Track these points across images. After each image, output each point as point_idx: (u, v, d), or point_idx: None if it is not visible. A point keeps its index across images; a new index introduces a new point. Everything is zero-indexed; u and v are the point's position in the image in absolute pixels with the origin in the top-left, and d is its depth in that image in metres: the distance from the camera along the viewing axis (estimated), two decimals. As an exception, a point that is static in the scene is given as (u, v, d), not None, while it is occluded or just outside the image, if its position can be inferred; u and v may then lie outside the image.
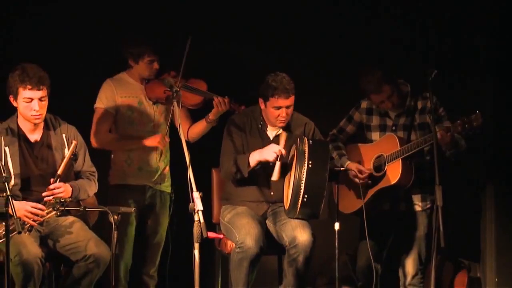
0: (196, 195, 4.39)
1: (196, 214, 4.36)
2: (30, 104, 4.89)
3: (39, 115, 4.92)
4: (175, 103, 4.79)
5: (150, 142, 5.53)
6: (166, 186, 5.76)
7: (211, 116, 5.55)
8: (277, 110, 5.21)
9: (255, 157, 5.19)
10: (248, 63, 6.23)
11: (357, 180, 5.43)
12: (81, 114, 5.49)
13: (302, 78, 5.47)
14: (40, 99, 4.89)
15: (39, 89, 4.86)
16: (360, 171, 5.44)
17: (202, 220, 4.35)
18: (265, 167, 5.21)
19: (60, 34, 5.94)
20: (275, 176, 5.15)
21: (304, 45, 6.26)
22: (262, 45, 6.22)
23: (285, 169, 5.22)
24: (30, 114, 4.91)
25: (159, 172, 5.68)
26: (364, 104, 5.62)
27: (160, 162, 5.68)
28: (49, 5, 5.94)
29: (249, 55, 6.21)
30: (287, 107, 5.21)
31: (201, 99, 5.54)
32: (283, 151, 5.11)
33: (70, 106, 5.46)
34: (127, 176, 5.58)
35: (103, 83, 5.62)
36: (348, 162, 5.50)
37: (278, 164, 5.11)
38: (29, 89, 4.85)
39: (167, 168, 5.74)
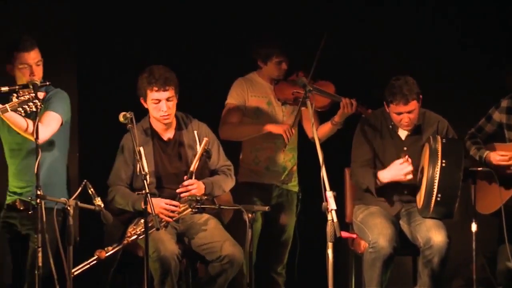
0: (330, 194, 4.37)
1: (330, 213, 4.34)
2: (158, 105, 4.99)
3: (168, 115, 5.03)
4: (308, 102, 4.79)
5: (275, 128, 5.50)
6: (293, 185, 5.77)
7: (337, 118, 5.51)
8: (398, 116, 5.14)
9: (385, 176, 5.15)
10: (377, 66, 6.17)
11: (503, 162, 5.22)
12: (213, 114, 5.56)
13: (437, 76, 5.37)
14: (167, 100, 4.98)
15: (165, 90, 4.96)
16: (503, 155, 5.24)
17: (335, 220, 4.33)
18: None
19: (193, 34, 6.04)
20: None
21: (437, 44, 6.14)
22: (390, 46, 6.15)
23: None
24: (159, 115, 5.01)
25: (286, 172, 5.70)
26: (504, 103, 5.43)
27: (287, 162, 5.70)
28: (182, 6, 6.05)
29: (378, 57, 6.15)
30: (409, 112, 5.12)
31: (328, 101, 5.51)
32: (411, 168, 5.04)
33: (202, 105, 5.56)
34: (255, 175, 5.63)
35: (235, 82, 5.68)
36: (487, 151, 5.32)
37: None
38: (156, 91, 4.96)
39: (295, 167, 5.75)
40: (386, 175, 5.14)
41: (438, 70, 6.05)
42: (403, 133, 5.29)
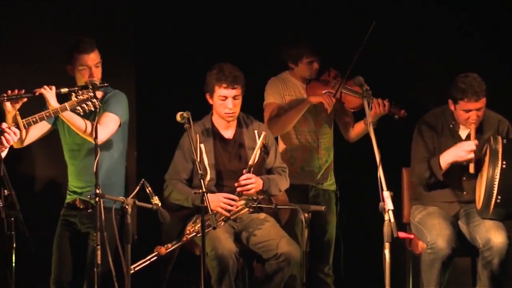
0: (387, 194, 4.34)
1: (387, 213, 4.31)
2: (225, 102, 5.03)
3: (233, 113, 5.06)
4: (365, 102, 4.76)
5: (316, 98, 5.49)
6: (330, 185, 5.73)
7: (370, 118, 5.48)
8: (467, 113, 5.06)
9: (446, 159, 5.07)
10: (409, 66, 6.12)
11: None
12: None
13: (496, 76, 5.29)
14: (234, 98, 5.02)
15: (233, 88, 5.00)
16: None
17: (392, 220, 4.30)
18: (458, 167, 5.09)
19: (223, 35, 6.03)
20: (472, 168, 5.03)
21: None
22: (423, 45, 6.09)
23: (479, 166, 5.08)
24: (224, 112, 5.05)
25: (321, 171, 5.67)
26: None
27: (323, 161, 5.68)
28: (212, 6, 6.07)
29: (411, 58, 6.10)
30: (478, 110, 5.04)
31: (361, 102, 5.48)
32: (475, 143, 4.97)
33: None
34: (291, 176, 5.58)
35: (269, 81, 5.66)
36: None
37: (472, 159, 4.99)
38: (224, 88, 5.00)
39: (331, 166, 5.72)
40: (447, 156, 5.06)
41: (496, 68, 5.95)
42: (463, 133, 5.22)
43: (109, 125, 4.83)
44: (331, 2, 6.06)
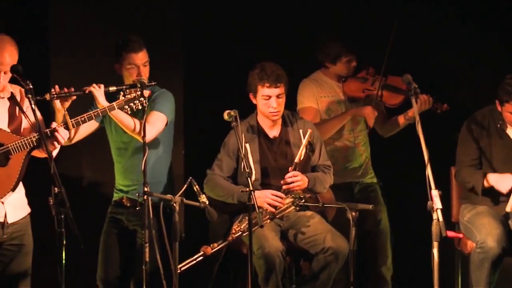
0: (435, 193, 4.31)
1: (435, 212, 4.28)
2: (268, 101, 5.03)
3: (277, 112, 5.06)
4: (413, 100, 4.72)
5: (358, 111, 5.48)
6: (371, 178, 5.71)
7: (411, 113, 5.43)
8: None
9: (491, 181, 5.05)
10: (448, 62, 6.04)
11: None
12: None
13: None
14: (277, 97, 5.02)
15: (276, 87, 5.00)
16: None
17: (441, 219, 4.27)
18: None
19: (270, 34, 6.04)
20: (508, 208, 4.99)
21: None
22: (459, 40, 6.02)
23: None
24: (268, 111, 5.05)
25: (362, 167, 5.65)
26: None
27: (363, 157, 5.66)
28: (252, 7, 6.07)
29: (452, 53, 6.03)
30: None
31: (402, 98, 5.43)
32: None
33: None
34: (334, 175, 5.56)
35: (302, 84, 5.63)
36: None
37: None
38: (267, 87, 5.00)
39: (369, 161, 5.70)
40: (494, 181, 5.03)
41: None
42: (511, 132, 5.16)
43: (157, 124, 4.86)
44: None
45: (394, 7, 5.89)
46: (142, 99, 4.54)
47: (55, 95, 4.48)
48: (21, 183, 4.36)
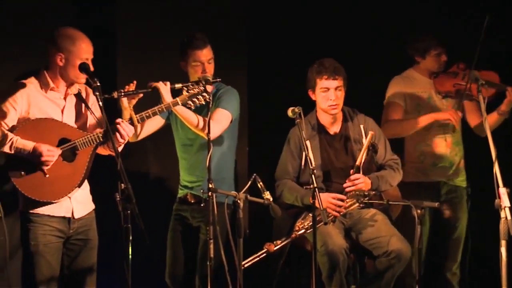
0: (503, 191, 4.24)
1: (503, 210, 4.21)
2: (327, 94, 5.02)
3: (336, 105, 5.04)
4: (480, 96, 4.65)
5: (440, 114, 5.41)
6: (461, 181, 5.61)
7: (503, 107, 5.34)
8: None
9: None
10: None
11: None
12: (371, 111, 5.50)
13: None
14: (336, 89, 5.01)
15: (334, 79, 5.00)
16: None
17: (509, 217, 4.19)
18: None
19: (335, 31, 6.01)
20: None
21: None
22: None
23: None
24: (327, 104, 5.04)
25: (453, 167, 5.55)
26: None
27: (454, 156, 5.55)
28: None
29: None
30: None
31: (493, 92, 5.32)
32: None
33: (363, 102, 5.53)
34: (421, 173, 5.51)
35: (392, 80, 5.58)
36: None
37: None
38: (325, 79, 5.01)
39: (462, 162, 5.60)
40: None
41: None
42: None
43: (222, 121, 4.88)
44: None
45: (483, 2, 5.82)
46: (205, 94, 4.56)
47: (122, 93, 4.53)
48: (86, 180, 4.43)
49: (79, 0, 5.55)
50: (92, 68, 4.30)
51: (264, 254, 4.78)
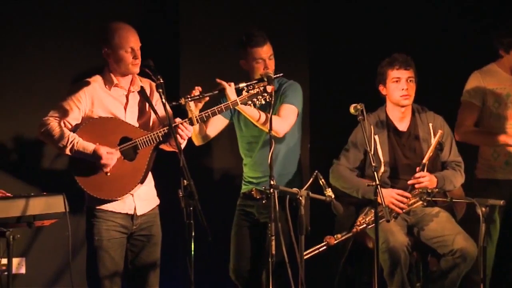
0: None
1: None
2: (399, 84, 5.01)
3: (407, 95, 5.02)
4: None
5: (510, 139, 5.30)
6: None
7: None
8: None
9: None
10: None
11: None
12: (450, 108, 5.43)
13: None
14: (407, 80, 5.01)
15: (406, 69, 5.01)
16: None
17: None
18: None
19: (395, 26, 5.94)
20: None
21: None
22: None
23: None
24: (399, 94, 5.03)
25: None
26: None
27: None
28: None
29: None
30: None
31: None
32: None
33: (438, 98, 5.46)
34: (494, 171, 5.41)
35: (471, 76, 5.48)
36: None
37: None
38: (397, 69, 5.01)
39: None
40: None
41: None
42: None
43: (289, 117, 4.88)
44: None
45: None
46: (265, 94, 4.56)
47: (189, 99, 4.55)
48: (150, 175, 4.47)
49: (143, 0, 5.62)
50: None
51: (325, 247, 4.78)
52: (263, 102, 4.57)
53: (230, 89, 4.65)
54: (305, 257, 4.58)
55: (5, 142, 5.30)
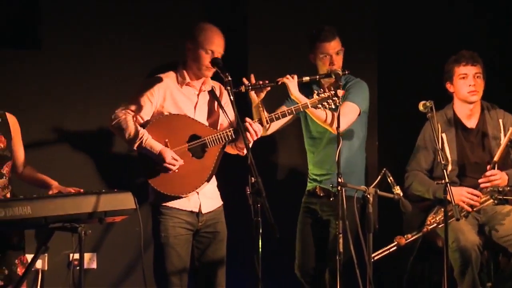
0: None
1: None
2: (466, 80, 4.97)
3: (475, 91, 4.97)
4: None
5: None
6: None
7: None
8: None
9: None
10: None
11: None
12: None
13: None
14: (474, 76, 4.96)
15: (473, 65, 4.97)
16: None
17: None
18: None
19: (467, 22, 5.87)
20: None
21: None
22: None
23: None
24: (467, 90, 4.98)
25: None
26: None
27: None
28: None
29: None
30: None
31: None
32: None
33: (507, 98, 5.38)
34: None
35: None
36: None
37: None
38: (463, 65, 4.97)
39: None
40: None
41: None
42: None
43: (348, 115, 4.85)
44: None
45: None
46: (335, 98, 4.55)
47: (249, 87, 4.58)
48: (214, 176, 4.50)
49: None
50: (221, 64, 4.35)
51: (395, 248, 4.74)
52: (333, 106, 4.57)
53: (291, 83, 4.65)
54: (376, 258, 4.56)
55: (76, 138, 5.40)
